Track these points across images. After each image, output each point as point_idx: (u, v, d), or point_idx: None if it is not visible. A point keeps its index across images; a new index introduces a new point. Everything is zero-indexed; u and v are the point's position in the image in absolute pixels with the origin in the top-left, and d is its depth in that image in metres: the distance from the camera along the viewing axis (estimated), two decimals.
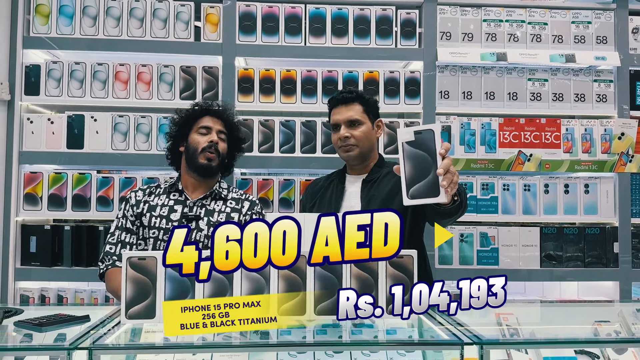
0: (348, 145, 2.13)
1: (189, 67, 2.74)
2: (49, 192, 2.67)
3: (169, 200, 2.13)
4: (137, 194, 2.16)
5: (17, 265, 2.67)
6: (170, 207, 2.11)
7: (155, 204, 2.12)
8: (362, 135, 2.13)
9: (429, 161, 1.42)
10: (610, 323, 1.62)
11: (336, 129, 2.16)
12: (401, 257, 1.45)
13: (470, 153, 2.78)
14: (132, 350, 1.42)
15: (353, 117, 2.13)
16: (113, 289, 2.00)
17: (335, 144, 2.18)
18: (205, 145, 2.09)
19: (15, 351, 1.44)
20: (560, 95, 2.83)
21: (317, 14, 2.78)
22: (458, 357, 1.29)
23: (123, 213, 2.13)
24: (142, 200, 2.13)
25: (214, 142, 2.10)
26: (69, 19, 2.72)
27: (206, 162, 2.09)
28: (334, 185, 2.22)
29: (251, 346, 1.44)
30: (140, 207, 2.12)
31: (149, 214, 2.10)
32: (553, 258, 2.77)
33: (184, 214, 2.09)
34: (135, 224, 2.11)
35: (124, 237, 2.09)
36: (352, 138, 2.12)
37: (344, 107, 2.15)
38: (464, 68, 2.81)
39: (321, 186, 2.26)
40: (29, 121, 2.69)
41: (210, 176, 2.14)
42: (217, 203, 2.14)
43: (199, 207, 2.11)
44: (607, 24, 2.86)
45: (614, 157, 2.80)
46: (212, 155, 2.09)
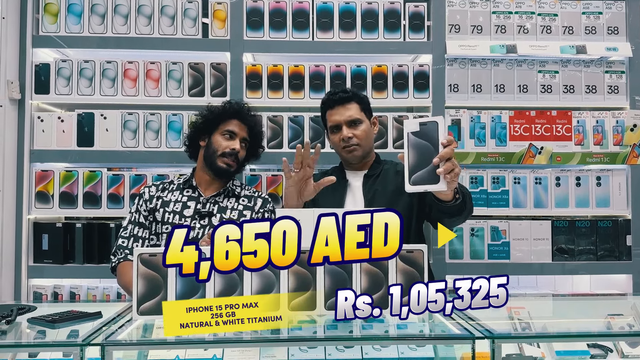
0: (352, 145, 2.11)
1: (197, 63, 2.74)
2: (60, 190, 2.69)
3: (182, 196, 2.15)
4: (151, 189, 2.18)
5: (29, 263, 2.69)
6: (183, 204, 2.13)
7: (169, 199, 2.14)
8: (364, 134, 2.12)
9: (432, 150, 1.48)
10: (623, 316, 1.61)
11: (336, 130, 2.14)
12: (411, 252, 1.45)
13: (480, 146, 2.76)
14: (144, 346, 1.43)
15: (353, 116, 2.11)
16: (124, 283, 2.02)
17: (337, 145, 2.16)
18: (226, 150, 2.09)
19: (29, 347, 1.46)
20: (571, 87, 2.80)
21: (324, 8, 2.77)
22: (469, 352, 1.29)
23: (137, 208, 2.15)
24: (155, 196, 2.15)
25: (236, 150, 2.11)
26: (77, 17, 2.73)
27: (224, 166, 2.10)
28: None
29: (262, 341, 1.44)
30: (153, 203, 2.14)
31: (163, 209, 2.12)
32: (565, 251, 2.74)
33: (197, 210, 2.10)
34: (148, 219, 2.13)
35: (136, 231, 2.11)
36: (355, 138, 2.10)
37: (342, 107, 2.12)
38: (474, 61, 2.79)
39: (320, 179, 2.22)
40: (39, 120, 2.71)
41: (226, 179, 2.17)
42: (230, 200, 2.16)
43: (211, 204, 2.13)
44: (619, 14, 2.83)
45: (626, 149, 2.77)
46: (231, 163, 2.11)
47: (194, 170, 2.22)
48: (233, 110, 2.16)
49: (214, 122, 2.15)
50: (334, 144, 2.19)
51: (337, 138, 2.14)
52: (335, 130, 2.15)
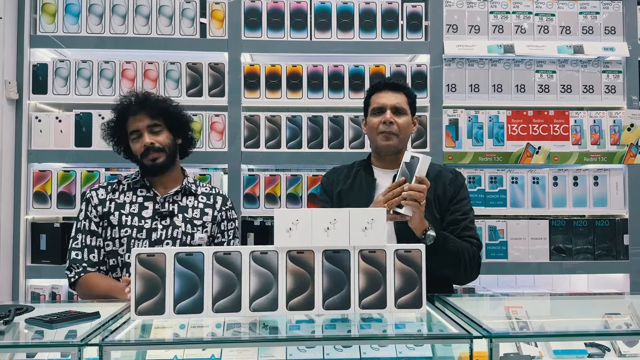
0: (391, 132, 2.01)
1: (195, 63, 2.74)
2: (58, 190, 2.68)
3: (136, 197, 2.06)
4: (99, 192, 2.07)
5: (27, 263, 2.69)
6: (140, 204, 2.04)
7: (123, 201, 2.04)
8: (404, 125, 2.04)
9: (409, 180, 1.80)
10: (620, 315, 1.61)
11: (378, 112, 2.04)
12: (409, 252, 1.45)
13: (478, 146, 2.76)
14: (142, 346, 1.42)
15: (400, 104, 2.03)
16: (94, 293, 1.93)
17: (375, 129, 2.04)
18: (142, 151, 1.99)
19: (26, 348, 1.45)
20: (568, 86, 2.81)
21: (322, 8, 2.77)
22: (467, 351, 1.29)
23: (85, 214, 2.03)
24: (106, 199, 2.05)
25: (148, 144, 1.98)
26: (75, 17, 2.73)
27: (151, 162, 2.00)
28: (361, 175, 2.11)
29: (260, 341, 1.44)
30: (106, 206, 2.03)
31: (118, 212, 2.02)
32: (562, 251, 2.75)
33: (157, 211, 2.03)
34: (100, 225, 2.03)
35: (88, 241, 2.01)
36: (396, 125, 2.01)
37: (391, 93, 2.05)
38: (471, 61, 2.79)
39: (347, 175, 2.14)
40: (37, 120, 2.70)
41: (166, 170, 2.05)
42: (189, 198, 2.10)
43: (170, 203, 2.06)
44: (616, 14, 2.83)
45: (623, 149, 2.78)
46: (156, 155, 1.99)
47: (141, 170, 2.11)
48: (123, 109, 2.02)
49: (120, 128, 2.03)
50: (371, 129, 2.06)
51: (377, 120, 2.03)
52: (377, 112, 2.04)
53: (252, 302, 1.40)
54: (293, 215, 1.44)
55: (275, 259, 1.42)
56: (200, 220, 2.07)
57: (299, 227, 1.42)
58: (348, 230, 1.43)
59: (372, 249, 1.44)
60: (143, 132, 2.00)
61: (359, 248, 1.44)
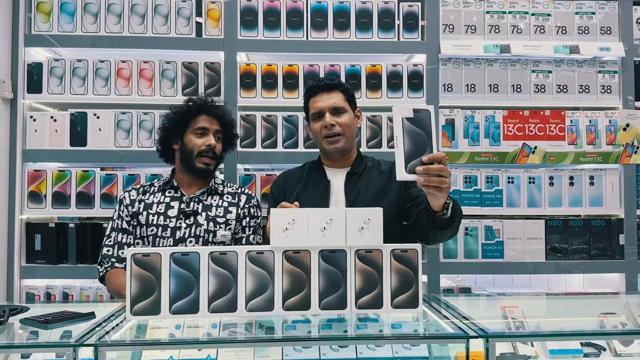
0: (334, 134, 1.99)
1: (190, 63, 2.73)
2: (53, 190, 2.67)
3: (164, 197, 2.13)
4: (131, 193, 2.15)
5: (22, 263, 2.67)
6: (166, 204, 2.11)
7: (151, 202, 2.12)
8: (347, 124, 2.02)
9: (426, 140, 1.42)
10: (616, 315, 1.61)
11: (318, 117, 2.03)
12: (406, 251, 1.45)
13: (474, 146, 2.77)
14: (138, 346, 1.42)
15: (337, 104, 2.02)
16: (114, 289, 2.01)
17: (318, 133, 2.03)
18: (203, 148, 2.07)
19: (21, 348, 1.45)
20: (564, 86, 2.82)
21: (318, 7, 2.77)
22: (464, 351, 1.29)
23: (118, 214, 2.12)
24: (137, 200, 2.13)
25: (211, 146, 2.08)
26: (70, 16, 2.72)
27: (204, 166, 2.09)
28: (313, 177, 2.09)
29: (256, 341, 1.44)
30: (135, 207, 2.11)
31: (146, 212, 2.10)
32: (558, 251, 2.76)
33: (181, 210, 2.09)
34: (131, 224, 2.11)
35: (120, 238, 2.09)
36: (338, 126, 2.00)
37: (326, 95, 2.03)
38: (467, 60, 2.79)
39: (299, 178, 2.12)
40: (32, 119, 2.69)
41: (208, 176, 2.16)
42: (214, 198, 2.15)
43: (195, 203, 2.12)
44: (611, 14, 2.84)
45: (619, 149, 2.79)
46: (209, 160, 2.09)
47: (174, 172, 2.19)
48: (198, 105, 2.10)
49: (182, 122, 2.10)
50: (315, 134, 2.06)
51: (318, 126, 2.02)
52: (317, 117, 2.03)
53: (248, 302, 1.40)
54: (289, 215, 1.43)
55: (272, 259, 1.42)
56: (223, 219, 2.11)
57: (295, 227, 1.42)
58: (344, 230, 1.43)
59: (369, 248, 1.44)
60: (209, 134, 2.09)
61: (355, 248, 1.44)
